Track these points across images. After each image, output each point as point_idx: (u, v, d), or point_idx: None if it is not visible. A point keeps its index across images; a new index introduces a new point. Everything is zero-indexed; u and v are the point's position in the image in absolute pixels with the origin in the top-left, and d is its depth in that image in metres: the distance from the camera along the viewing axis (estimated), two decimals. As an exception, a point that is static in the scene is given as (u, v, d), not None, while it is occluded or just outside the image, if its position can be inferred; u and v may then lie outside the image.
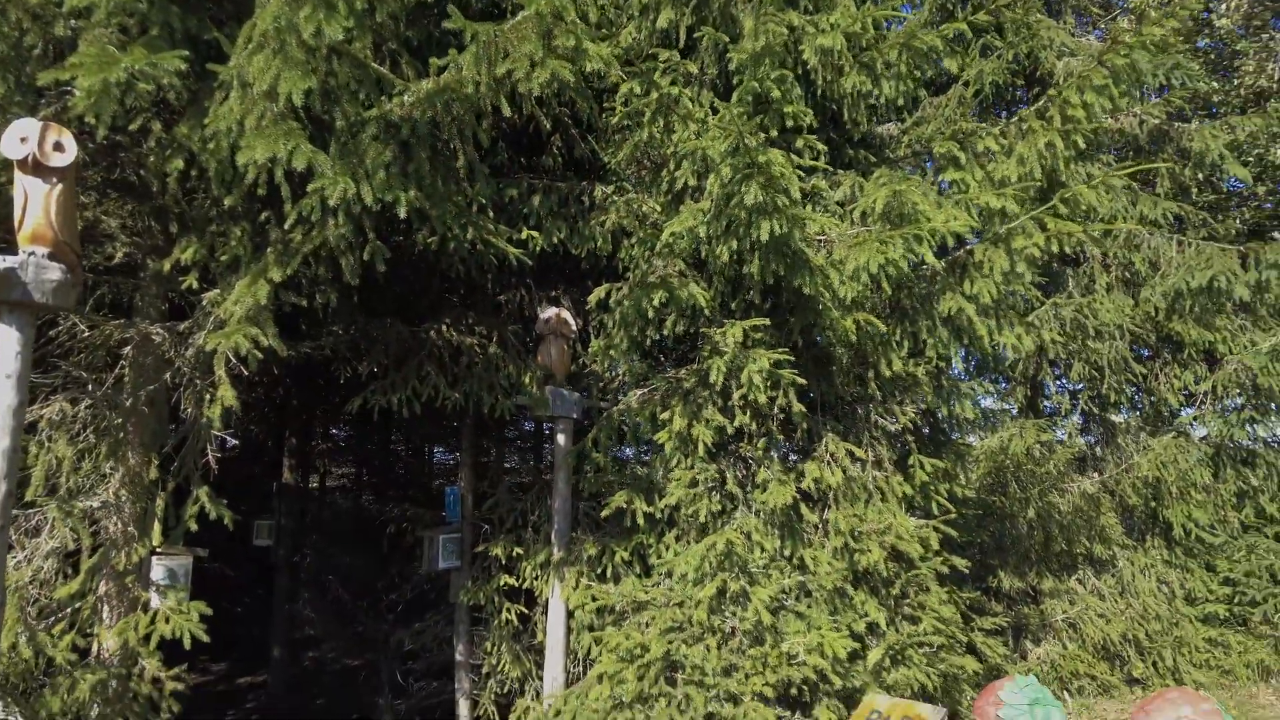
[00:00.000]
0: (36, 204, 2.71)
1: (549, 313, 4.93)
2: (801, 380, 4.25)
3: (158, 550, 3.91)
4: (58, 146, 2.75)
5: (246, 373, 3.25)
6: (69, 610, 3.48)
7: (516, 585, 5.15)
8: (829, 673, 4.07)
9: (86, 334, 3.57)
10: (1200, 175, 7.83)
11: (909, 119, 7.20)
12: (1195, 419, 8.16)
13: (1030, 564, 7.54)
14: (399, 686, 6.39)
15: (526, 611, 5.29)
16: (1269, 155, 7.92)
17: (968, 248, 4.82)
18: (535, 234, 4.91)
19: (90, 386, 3.51)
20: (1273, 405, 7.88)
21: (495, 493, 5.57)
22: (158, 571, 3.82)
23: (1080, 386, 8.18)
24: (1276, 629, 7.14)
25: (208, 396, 3.40)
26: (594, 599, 4.55)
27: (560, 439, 4.98)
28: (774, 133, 3.81)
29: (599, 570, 4.82)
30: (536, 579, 5.05)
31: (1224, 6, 8.28)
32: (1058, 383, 8.25)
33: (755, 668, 4.02)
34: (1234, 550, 7.66)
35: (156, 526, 3.75)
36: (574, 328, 5.08)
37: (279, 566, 7.93)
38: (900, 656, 4.44)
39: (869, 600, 4.38)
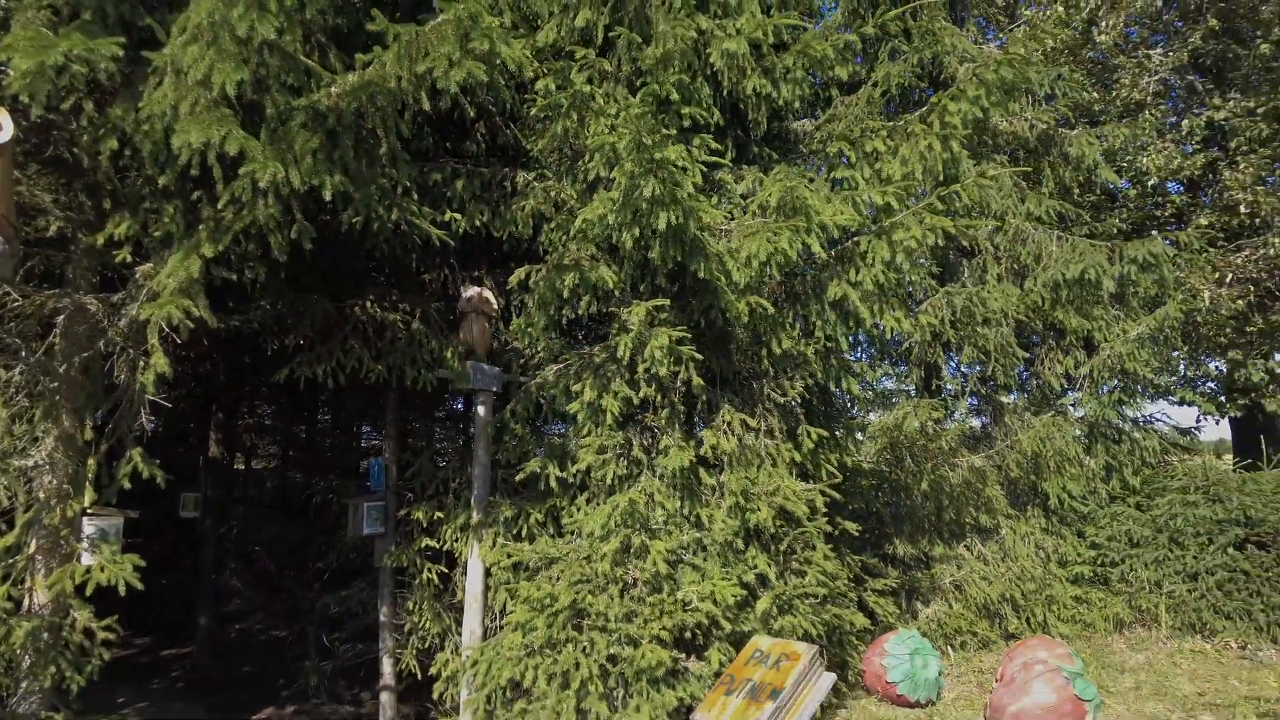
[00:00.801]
0: (-24, 179, 2.92)
1: (471, 292, 5.25)
2: (700, 356, 4.68)
3: (88, 510, 4.12)
4: (-5, 124, 2.96)
5: (179, 341, 3.50)
6: (3, 564, 3.68)
7: (438, 547, 5.48)
8: (720, 618, 4.54)
9: (19, 303, 3.75)
10: (1080, 177, 8.56)
11: (823, 115, 7.71)
12: (1075, 401, 8.93)
13: (923, 532, 8.18)
14: (325, 650, 6.65)
15: (447, 572, 5.63)
16: (1137, 162, 8.69)
17: (854, 239, 5.32)
18: (458, 216, 5.21)
19: (24, 353, 3.70)
20: (1139, 388, 8.69)
21: (418, 462, 5.88)
22: (89, 529, 4.03)
23: (973, 370, 8.88)
24: (1130, 586, 7.93)
25: (141, 364, 3.64)
26: (509, 556, 4.93)
27: (480, 410, 5.32)
28: (672, 131, 4.18)
29: (515, 531, 5.19)
30: (457, 541, 5.39)
31: (1104, 24, 9.02)
32: (950, 366, 8.90)
33: (654, 614, 4.46)
34: (1101, 518, 8.44)
35: (89, 487, 3.96)
36: (495, 306, 5.40)
37: (205, 539, 8.06)
38: (787, 606, 4.94)
39: (759, 555, 4.85)
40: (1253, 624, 7.27)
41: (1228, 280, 8.71)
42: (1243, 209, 8.44)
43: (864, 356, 8.88)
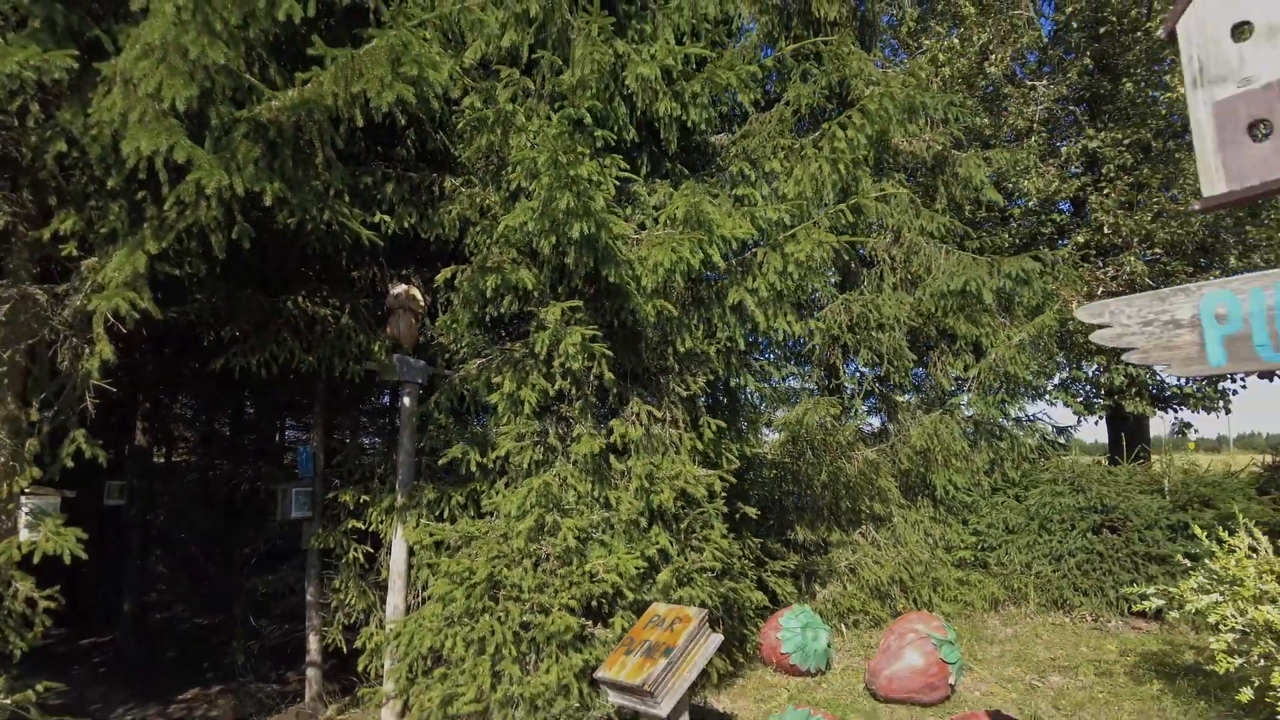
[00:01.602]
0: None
1: (399, 289, 5.62)
2: (611, 353, 5.17)
3: (26, 490, 4.35)
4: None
5: (125, 331, 3.80)
6: (-55, 537, 3.90)
7: (364, 529, 5.82)
8: (624, 589, 5.04)
9: (-37, 292, 3.97)
10: (970, 195, 9.38)
11: (739, 131, 8.29)
12: (964, 401, 9.76)
13: (822, 520, 8.87)
14: (253, 631, 6.88)
15: (372, 552, 5.98)
16: (1020, 184, 9.57)
17: (753, 251, 5.89)
18: (388, 218, 5.57)
19: (-33, 339, 3.93)
20: (1020, 390, 9.57)
21: (345, 449, 6.21)
22: (28, 507, 4.28)
23: (872, 370, 9.62)
24: (1005, 569, 8.77)
25: (85, 351, 3.91)
26: (431, 535, 5.32)
27: (406, 401, 5.70)
28: (586, 150, 4.64)
29: (437, 513, 5.59)
30: (382, 523, 5.75)
31: (994, 57, 9.89)
32: (850, 367, 9.62)
33: (563, 585, 4.93)
34: (983, 507, 9.28)
35: (30, 466, 4.19)
36: (422, 303, 5.78)
37: (130, 526, 8.15)
38: (686, 579, 5.47)
39: (661, 533, 5.37)
40: (1104, 599, 8.17)
41: (1097, 293, 9.65)
42: (1107, 229, 9.39)
43: (771, 357, 9.53)
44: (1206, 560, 5.90)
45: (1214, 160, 1.83)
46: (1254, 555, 5.71)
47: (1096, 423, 12.82)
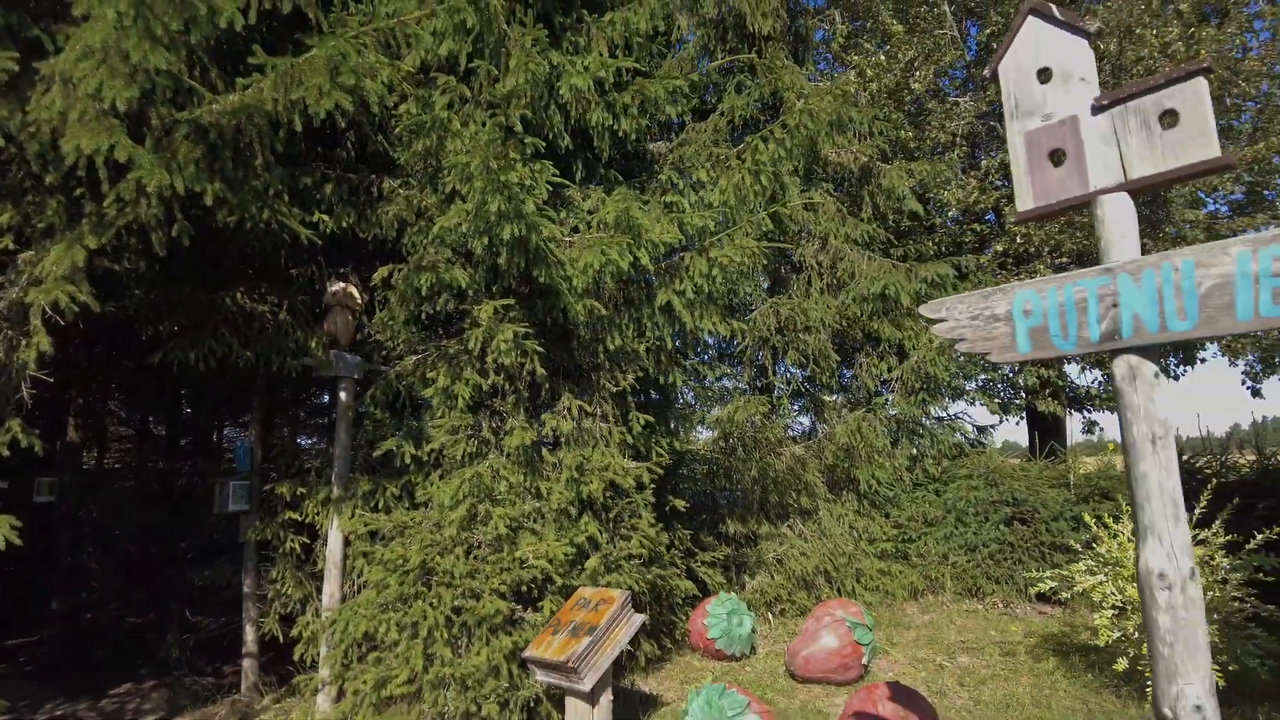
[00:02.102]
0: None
1: (336, 286, 5.78)
2: (542, 350, 5.42)
3: (-43, 480, 4.42)
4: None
5: (63, 324, 3.91)
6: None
7: (301, 521, 5.95)
8: (553, 575, 5.29)
9: (-104, 284, 4.03)
10: (894, 205, 9.87)
11: (676, 139, 8.61)
12: (887, 400, 10.25)
13: (752, 513, 9.23)
14: (189, 625, 6.92)
15: (309, 543, 6.10)
16: (940, 195, 10.11)
17: (681, 255, 6.21)
18: (326, 218, 5.71)
19: (-99, 330, 3.99)
20: (940, 390, 10.09)
21: (282, 443, 6.32)
22: (-40, 496, 4.34)
23: (801, 371, 10.05)
24: (925, 559, 9.25)
25: (21, 343, 4.01)
26: (366, 525, 5.50)
27: (343, 396, 5.86)
28: (517, 157, 4.88)
29: (373, 504, 5.76)
30: (319, 515, 5.89)
31: (918, 74, 10.43)
32: (778, 368, 10.02)
33: (494, 571, 5.15)
34: (904, 501, 9.77)
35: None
36: (359, 300, 5.94)
37: (60, 524, 8.07)
38: (614, 565, 5.75)
39: (591, 521, 5.63)
40: (1014, 586, 8.70)
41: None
42: (1018, 239, 9.98)
43: (705, 358, 9.87)
44: (1095, 546, 6.42)
45: (1025, 181, 2.19)
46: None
47: (1018, 423, 13.52)
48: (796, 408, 10.51)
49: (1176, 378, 11.56)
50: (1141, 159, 1.95)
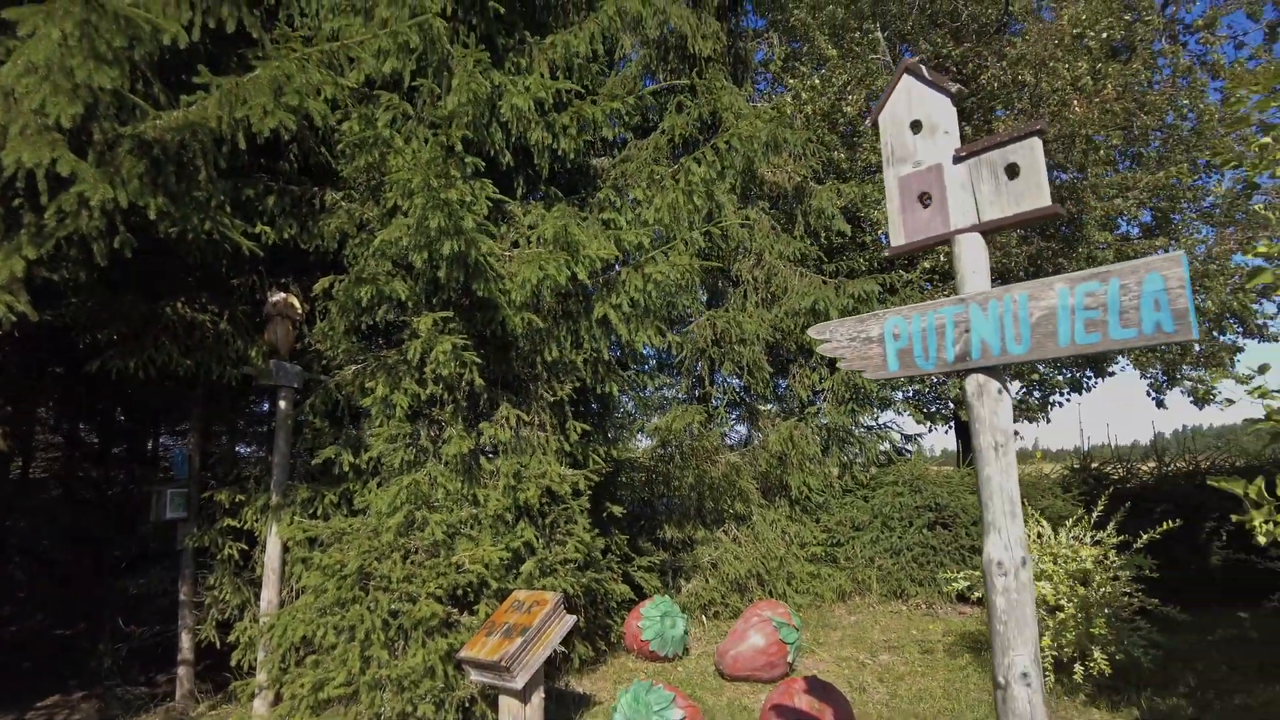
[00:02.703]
0: None
1: (277, 296, 5.88)
2: (480, 361, 5.60)
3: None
4: None
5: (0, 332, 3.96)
6: None
7: (239, 528, 6.01)
8: (489, 579, 5.46)
9: None
10: (824, 224, 10.31)
11: (619, 155, 8.87)
12: (818, 410, 10.66)
13: (689, 519, 9.52)
14: (122, 634, 6.88)
15: (247, 550, 6.16)
16: (869, 215, 10.59)
17: (618, 270, 6.46)
18: (268, 229, 5.82)
19: None
20: (869, 400, 10.54)
21: (221, 451, 6.37)
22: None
23: (738, 381, 10.40)
24: (852, 563, 9.65)
25: (-44, 350, 4.06)
26: (305, 532, 5.60)
27: (282, 405, 5.95)
28: (457, 175, 5.08)
29: (311, 511, 5.86)
30: (258, 522, 5.96)
31: (850, 98, 10.92)
32: (715, 377, 10.35)
33: (431, 575, 5.30)
34: (834, 507, 10.16)
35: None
36: (300, 311, 6.05)
37: (-15, 534, 7.91)
38: (550, 569, 5.95)
39: (527, 527, 5.82)
40: (936, 588, 9.13)
41: (936, 314, 10.76)
42: (942, 257, 10.52)
43: (646, 368, 10.15)
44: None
45: (898, 219, 2.49)
46: (1040, 540, 6.69)
47: (946, 431, 14.12)
48: (733, 417, 10.85)
49: (1089, 389, 12.26)
50: (991, 204, 2.27)
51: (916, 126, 2.48)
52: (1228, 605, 8.37)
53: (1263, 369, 4.61)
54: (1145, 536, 6.12)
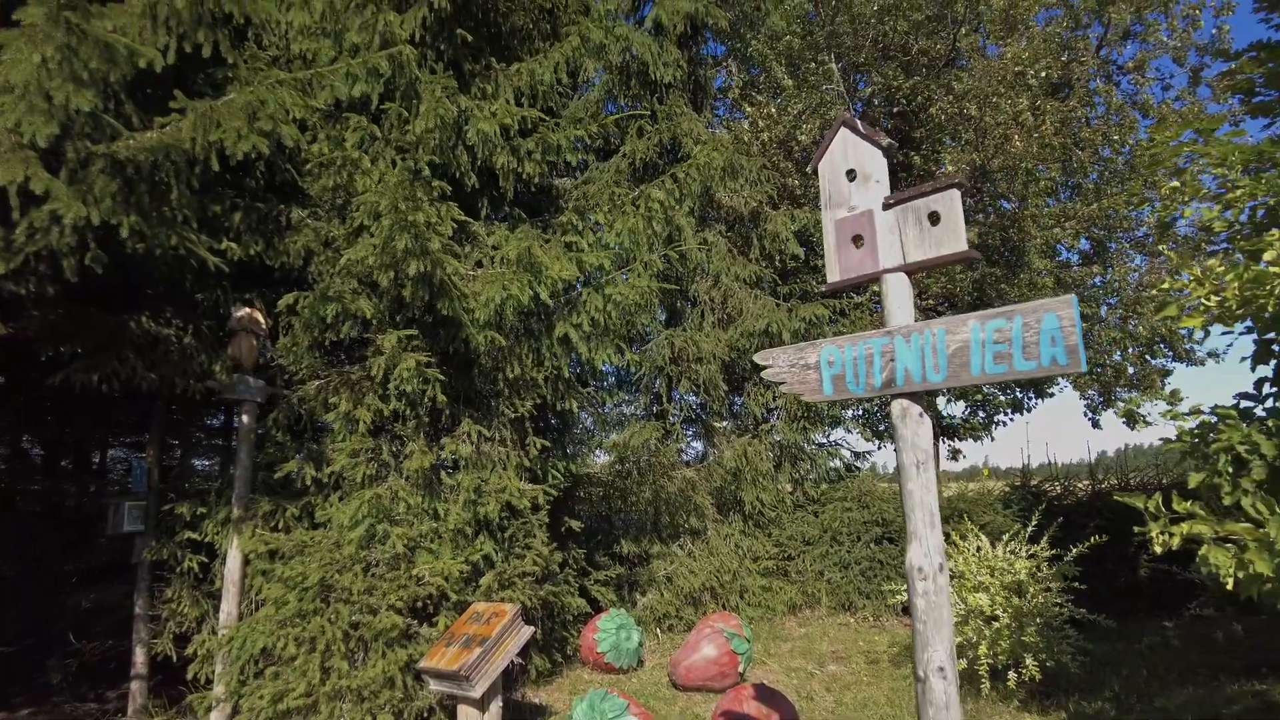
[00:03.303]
0: None
1: (241, 312, 5.96)
2: (444, 378, 5.76)
3: None
4: None
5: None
6: None
7: (200, 540, 6.03)
8: (449, 591, 5.59)
9: None
10: (779, 248, 10.65)
11: (581, 177, 9.10)
12: (772, 427, 10.96)
13: (645, 533, 9.71)
14: (71, 650, 6.81)
15: (207, 562, 6.19)
16: (820, 240, 10.97)
17: (580, 290, 6.67)
18: (234, 245, 5.88)
19: None
20: (820, 417, 10.87)
21: (181, 464, 6.41)
22: None
23: (695, 399, 10.66)
24: (803, 576, 9.94)
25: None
26: (266, 544, 5.66)
27: (245, 419, 6.02)
28: (424, 198, 5.25)
29: (273, 524, 5.93)
30: (218, 534, 6.00)
31: (805, 126, 11.32)
32: (673, 395, 10.60)
33: (392, 587, 5.42)
34: (786, 522, 10.45)
35: None
36: (264, 326, 6.13)
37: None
38: (508, 582, 6.09)
39: (487, 541, 5.97)
40: (883, 601, 9.44)
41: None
42: (891, 282, 10.95)
43: (606, 385, 10.37)
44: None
45: (834, 258, 2.76)
46: (978, 554, 7.03)
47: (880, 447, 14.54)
48: (690, 433, 11.09)
49: (1029, 409, 12.80)
50: (915, 247, 2.54)
51: (851, 175, 2.75)
52: (1154, 615, 8.84)
53: (1174, 395, 5.00)
54: (1075, 550, 6.50)
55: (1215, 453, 4.32)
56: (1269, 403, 4.53)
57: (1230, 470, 4.21)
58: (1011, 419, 13.77)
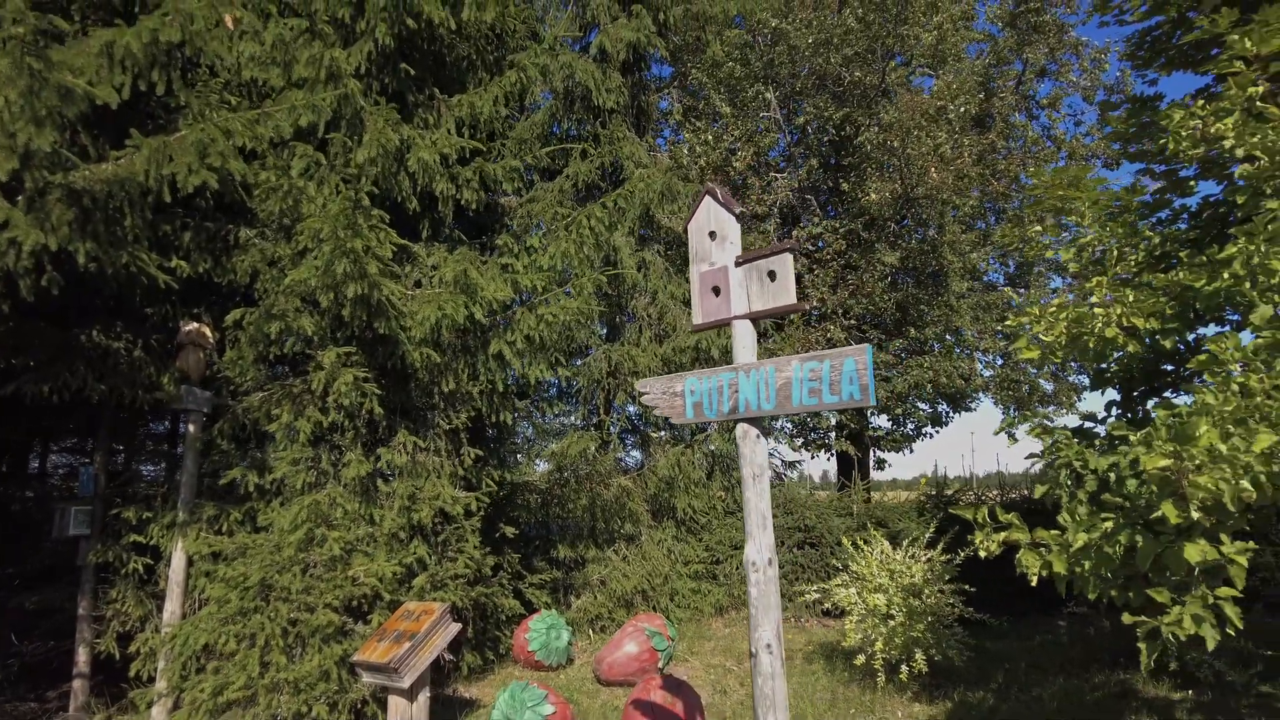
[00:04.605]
0: None
1: (189, 326, 6.30)
2: (380, 392, 6.17)
3: None
4: None
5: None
6: None
7: (145, 543, 6.35)
8: (383, 591, 6.00)
9: None
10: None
11: (526, 195, 9.56)
12: (706, 438, 11.50)
13: (581, 539, 10.16)
14: (11, 651, 7.03)
15: (152, 564, 6.49)
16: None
17: (514, 310, 7.14)
18: (184, 264, 6.24)
19: None
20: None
21: (128, 470, 6.71)
22: None
23: (631, 410, 11.16)
24: (730, 579, 10.49)
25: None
26: (210, 546, 6.02)
27: (191, 428, 6.36)
28: (364, 223, 5.67)
29: (217, 528, 6.27)
30: (163, 538, 6.32)
31: (739, 153, 11.96)
32: (610, 406, 11.09)
33: (329, 587, 5.81)
34: (716, 528, 11.00)
35: None
36: (211, 340, 6.48)
37: None
38: (441, 584, 6.51)
39: (420, 545, 6.38)
40: (804, 602, 10.03)
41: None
42: (816, 302, 11.62)
43: (547, 396, 10.82)
44: (851, 564, 7.79)
45: (698, 303, 3.28)
46: (881, 557, 7.64)
47: (829, 459, 15.25)
48: (628, 443, 11.59)
49: (948, 422, 13.59)
50: (758, 298, 3.08)
51: (713, 235, 3.28)
52: (1049, 614, 9.58)
53: (1039, 415, 5.64)
54: (963, 554, 7.14)
55: (1058, 468, 4.98)
56: (1110, 422, 5.21)
57: (1070, 483, 4.87)
58: (936, 431, 14.57)
